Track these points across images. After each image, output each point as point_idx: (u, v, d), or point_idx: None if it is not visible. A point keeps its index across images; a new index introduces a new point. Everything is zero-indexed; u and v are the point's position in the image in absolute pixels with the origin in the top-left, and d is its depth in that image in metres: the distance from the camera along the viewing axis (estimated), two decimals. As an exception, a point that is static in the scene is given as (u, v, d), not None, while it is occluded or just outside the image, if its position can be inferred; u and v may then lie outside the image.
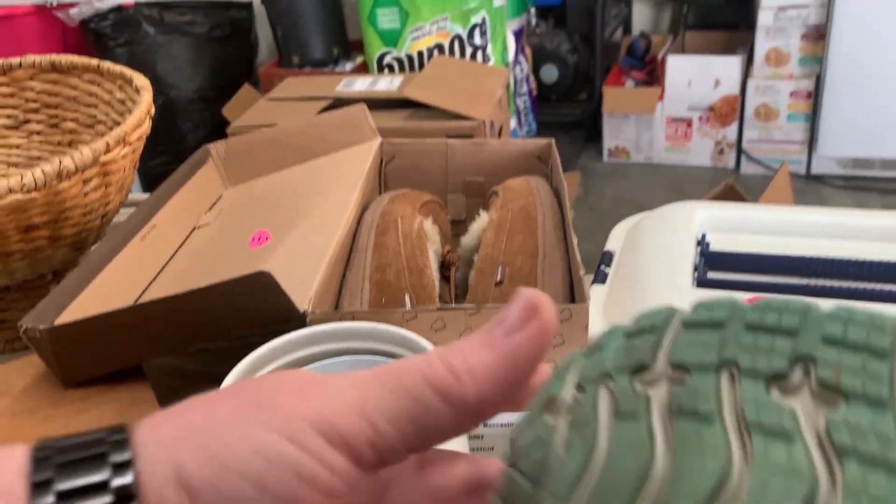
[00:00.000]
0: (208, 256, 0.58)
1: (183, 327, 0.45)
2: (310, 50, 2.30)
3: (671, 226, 0.58)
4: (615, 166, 2.43)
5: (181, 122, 2.15)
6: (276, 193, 0.66)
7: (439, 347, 0.21)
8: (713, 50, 2.44)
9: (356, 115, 0.72)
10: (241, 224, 0.62)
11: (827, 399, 0.18)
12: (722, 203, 0.63)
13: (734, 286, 0.50)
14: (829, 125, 2.10)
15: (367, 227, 0.59)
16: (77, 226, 0.57)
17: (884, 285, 0.51)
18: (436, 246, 0.59)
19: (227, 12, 2.21)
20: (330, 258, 0.51)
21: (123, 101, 0.67)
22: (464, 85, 1.58)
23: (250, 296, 0.43)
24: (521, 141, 0.72)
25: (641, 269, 0.52)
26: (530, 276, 0.53)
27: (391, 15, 1.91)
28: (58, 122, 0.72)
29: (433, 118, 1.47)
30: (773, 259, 0.53)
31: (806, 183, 2.21)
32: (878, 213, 0.59)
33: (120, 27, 2.05)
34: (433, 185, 0.74)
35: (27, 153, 0.73)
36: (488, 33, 1.90)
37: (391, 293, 0.51)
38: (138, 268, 0.56)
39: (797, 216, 0.59)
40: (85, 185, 0.54)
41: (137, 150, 0.61)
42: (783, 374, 0.18)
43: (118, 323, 0.44)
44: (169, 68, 2.11)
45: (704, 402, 0.19)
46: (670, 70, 2.25)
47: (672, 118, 2.32)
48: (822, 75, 2.09)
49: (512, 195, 0.62)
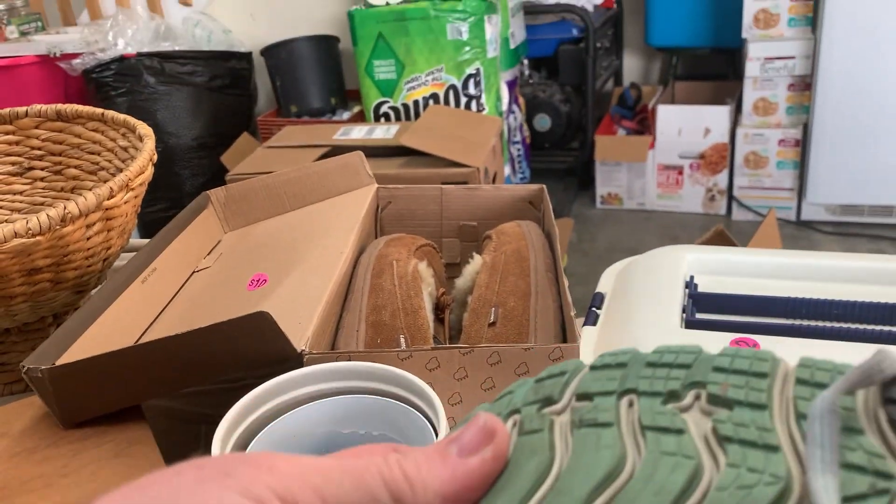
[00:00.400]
0: (207, 299, 0.59)
1: (182, 367, 0.46)
2: (308, 100, 2.35)
3: (660, 269, 0.59)
4: (608, 212, 2.46)
5: (179, 170, 2.18)
6: (274, 237, 0.68)
7: (398, 453, 0.22)
8: (702, 100, 2.49)
9: (353, 162, 0.74)
10: (240, 267, 0.63)
11: (714, 410, 0.20)
12: (710, 247, 0.64)
13: (722, 326, 0.51)
14: (817, 172, 2.14)
15: (364, 269, 0.60)
16: (79, 269, 0.58)
17: (868, 326, 0.52)
18: (430, 288, 0.60)
19: (226, 63, 2.26)
20: (327, 300, 0.52)
21: (126, 148, 0.69)
22: (459, 133, 1.62)
23: (249, 336, 0.44)
24: (514, 187, 0.74)
25: (631, 311, 0.54)
26: (523, 317, 0.54)
27: (388, 66, 1.96)
28: (61, 169, 0.74)
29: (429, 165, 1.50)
30: (759, 300, 0.55)
31: (796, 229, 2.23)
32: (863, 256, 0.61)
33: (121, 77, 2.10)
34: (428, 229, 0.75)
35: (30, 199, 0.74)
36: (482, 83, 1.95)
37: (386, 333, 0.52)
38: (139, 310, 0.57)
39: (783, 259, 0.61)
40: (88, 229, 0.56)
41: (140, 195, 0.62)
42: (677, 394, 0.21)
43: (118, 363, 0.45)
44: (168, 117, 2.14)
45: (604, 414, 0.21)
46: (661, 119, 2.30)
47: (663, 166, 2.36)
48: (809, 124, 2.14)
49: (505, 239, 0.64)
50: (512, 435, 0.22)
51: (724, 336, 0.49)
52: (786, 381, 0.21)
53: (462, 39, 1.89)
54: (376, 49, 1.94)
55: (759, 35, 2.13)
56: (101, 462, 0.45)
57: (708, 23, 2.36)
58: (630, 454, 0.20)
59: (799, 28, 2.10)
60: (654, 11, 2.41)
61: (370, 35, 1.93)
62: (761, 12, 2.11)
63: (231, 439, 0.39)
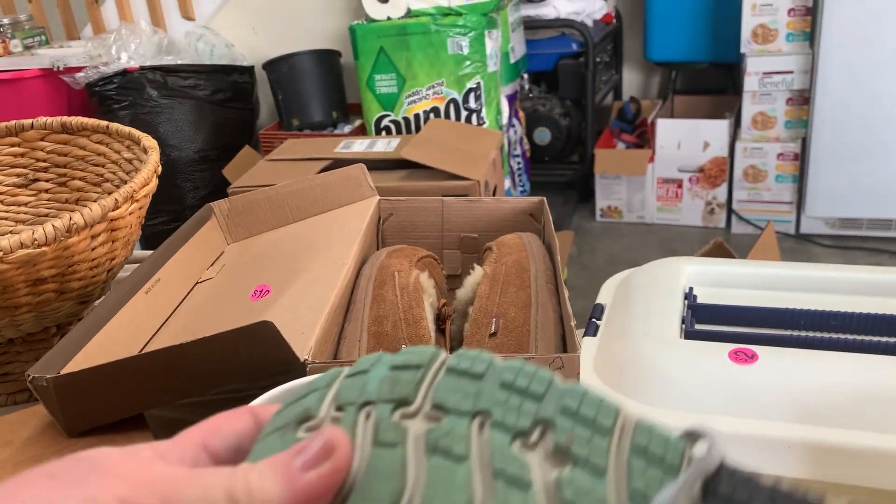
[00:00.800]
0: (210, 309, 0.60)
1: (186, 377, 0.46)
2: (310, 113, 2.36)
3: (660, 280, 0.60)
4: (608, 226, 2.47)
5: (182, 182, 2.19)
6: (277, 249, 0.68)
7: (247, 467, 0.23)
8: (701, 114, 2.51)
9: (355, 175, 0.74)
10: (243, 278, 0.64)
11: (559, 459, 0.22)
12: (709, 259, 0.65)
13: (721, 337, 0.52)
14: (816, 186, 2.15)
15: (366, 280, 0.60)
16: (84, 280, 0.58)
17: (865, 337, 0.52)
18: (431, 299, 0.60)
19: (229, 76, 2.28)
20: (329, 310, 0.52)
21: (131, 160, 0.70)
22: (459, 146, 1.63)
23: (252, 345, 0.44)
24: (515, 199, 0.75)
25: (630, 322, 0.54)
26: (523, 327, 0.54)
27: (389, 80, 1.97)
28: (66, 181, 0.74)
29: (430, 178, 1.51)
30: (758, 311, 0.55)
31: (795, 242, 2.24)
32: (860, 268, 0.61)
33: (124, 90, 2.11)
34: (430, 241, 0.76)
35: (35, 210, 0.75)
36: (483, 97, 1.96)
37: (388, 344, 0.53)
38: (142, 320, 0.58)
39: (781, 271, 0.61)
40: (93, 240, 0.56)
41: (144, 206, 0.63)
42: (525, 431, 0.22)
43: (122, 372, 0.46)
44: (171, 130, 2.16)
45: (458, 444, 0.22)
46: (660, 133, 2.31)
47: (663, 179, 2.37)
48: (807, 138, 2.15)
49: (506, 250, 0.65)
50: (366, 435, 0.23)
51: (722, 346, 0.49)
52: (622, 439, 0.23)
53: (462, 54, 1.91)
54: (377, 63, 1.96)
55: (757, 50, 2.15)
56: (104, 471, 0.45)
57: (707, 38, 2.38)
58: (479, 501, 0.21)
59: (797, 43, 2.11)
60: (654, 26, 2.43)
61: (371, 49, 1.94)
62: (760, 27, 2.12)
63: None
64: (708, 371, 0.48)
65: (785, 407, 0.46)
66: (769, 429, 0.45)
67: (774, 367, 0.47)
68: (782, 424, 0.45)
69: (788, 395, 0.46)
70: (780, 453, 0.45)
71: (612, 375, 0.50)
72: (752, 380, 0.47)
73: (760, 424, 0.45)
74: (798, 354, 0.48)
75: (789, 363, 0.47)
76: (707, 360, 0.48)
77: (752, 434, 0.45)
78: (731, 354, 0.48)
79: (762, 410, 0.46)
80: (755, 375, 0.47)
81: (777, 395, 0.46)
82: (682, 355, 0.49)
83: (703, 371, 0.48)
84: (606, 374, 0.51)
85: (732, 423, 0.45)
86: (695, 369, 0.48)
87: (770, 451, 0.45)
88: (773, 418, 0.46)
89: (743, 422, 0.46)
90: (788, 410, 0.46)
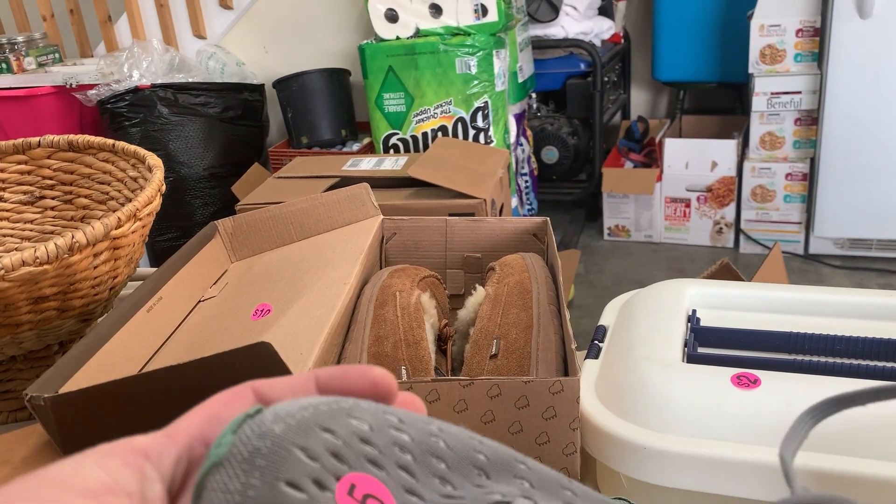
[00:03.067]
0: (211, 328, 0.60)
1: (184, 397, 0.46)
2: (319, 131, 2.38)
3: (663, 302, 0.59)
4: (616, 244, 2.46)
5: (191, 199, 2.20)
6: (279, 268, 0.68)
7: None
8: (708, 133, 2.51)
9: (359, 194, 0.75)
10: (245, 297, 0.64)
11: None
12: (713, 281, 0.64)
13: (723, 361, 0.51)
14: (824, 206, 2.14)
15: (367, 300, 0.60)
16: (85, 297, 0.59)
17: (871, 362, 0.52)
18: (433, 319, 0.60)
19: (239, 94, 2.30)
20: (329, 330, 0.52)
21: (136, 178, 0.70)
22: (466, 165, 1.63)
23: (250, 366, 0.44)
24: (518, 219, 0.75)
25: (632, 344, 0.54)
26: (524, 349, 0.54)
27: (397, 99, 1.98)
28: (72, 199, 0.75)
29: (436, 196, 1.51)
30: (761, 335, 0.55)
31: (804, 263, 2.23)
32: (867, 291, 0.61)
33: (135, 107, 2.13)
34: (433, 260, 0.76)
35: (41, 227, 0.75)
36: (490, 116, 1.97)
37: (388, 364, 0.53)
38: (143, 339, 0.58)
39: (786, 294, 0.61)
40: (95, 258, 0.57)
41: (147, 225, 0.63)
42: None
43: (120, 393, 0.45)
44: (181, 147, 2.17)
45: None
46: (668, 152, 2.31)
47: (671, 198, 2.36)
48: (816, 158, 2.14)
49: (508, 270, 0.64)
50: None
51: (725, 371, 0.49)
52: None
53: (471, 73, 1.92)
54: (386, 82, 1.97)
55: (765, 70, 2.15)
56: (100, 491, 0.45)
57: (714, 58, 2.38)
58: None
59: (805, 63, 2.11)
60: (661, 47, 2.44)
61: (380, 68, 1.96)
62: (768, 48, 2.12)
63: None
64: (710, 396, 0.47)
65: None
66: (771, 455, 0.44)
67: (777, 392, 0.46)
68: (785, 451, 0.45)
69: (791, 421, 0.45)
70: (782, 480, 0.44)
71: (613, 399, 0.50)
72: (754, 405, 0.46)
73: (762, 451, 0.45)
74: (801, 379, 0.48)
75: (792, 388, 0.47)
76: (709, 385, 0.48)
77: (753, 460, 0.44)
78: (733, 379, 0.48)
79: (764, 436, 0.45)
80: (757, 400, 0.46)
81: (779, 420, 0.45)
82: (684, 379, 0.49)
83: (705, 396, 0.47)
84: (607, 397, 0.50)
85: (734, 449, 0.45)
86: (696, 394, 0.47)
87: (771, 477, 0.44)
88: (776, 444, 0.45)
89: (745, 448, 0.45)
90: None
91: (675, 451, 0.45)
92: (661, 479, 0.46)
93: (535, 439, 0.46)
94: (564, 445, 0.47)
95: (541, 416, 0.46)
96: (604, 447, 0.48)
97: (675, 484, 0.46)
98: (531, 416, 0.46)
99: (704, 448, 0.45)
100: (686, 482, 0.46)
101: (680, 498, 0.49)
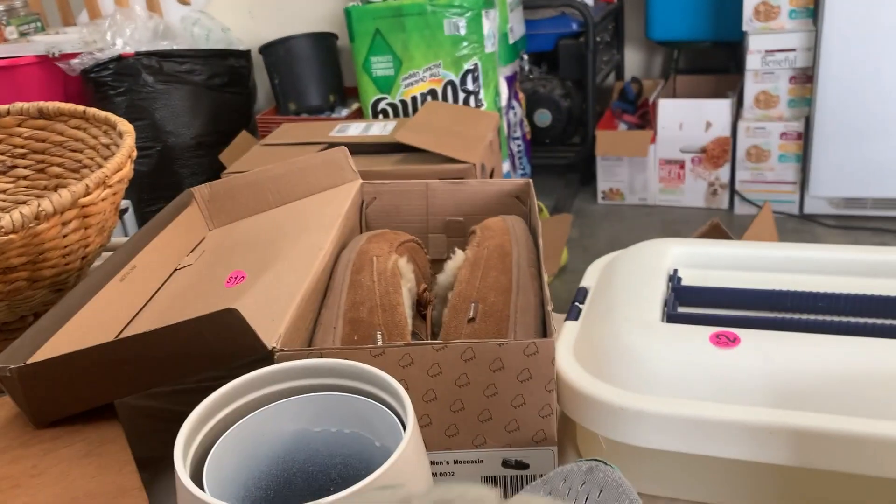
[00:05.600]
0: (186, 297, 0.59)
1: (152, 366, 0.45)
2: (306, 97, 2.34)
3: (644, 262, 0.59)
4: (610, 208, 2.45)
5: (179, 168, 2.18)
6: (256, 234, 0.67)
7: None
8: (703, 93, 2.48)
9: (337, 158, 0.73)
10: (221, 265, 0.63)
11: None
12: (696, 240, 0.63)
13: (703, 320, 0.50)
14: (819, 165, 2.12)
15: (344, 266, 0.59)
16: (56, 267, 0.58)
17: (852, 318, 0.51)
18: (410, 284, 0.59)
19: (225, 61, 2.26)
20: (302, 296, 0.51)
21: (108, 145, 0.69)
22: (455, 129, 1.61)
23: (217, 333, 0.43)
24: (500, 181, 0.73)
25: (612, 305, 0.53)
26: (503, 312, 0.53)
27: (385, 63, 1.95)
28: (44, 167, 0.73)
29: (425, 162, 1.49)
30: (743, 293, 0.54)
31: (799, 223, 2.22)
32: (852, 247, 0.60)
33: (120, 76, 2.10)
34: (414, 225, 0.75)
35: (13, 197, 0.74)
36: (480, 79, 1.94)
37: (363, 330, 0.52)
38: (116, 308, 0.57)
39: (770, 252, 0.60)
40: (64, 226, 0.55)
41: (119, 192, 0.62)
42: None
43: (87, 362, 0.45)
44: (167, 115, 2.14)
45: None
46: (662, 113, 2.28)
47: (665, 160, 2.34)
48: (811, 117, 2.12)
49: (489, 233, 0.63)
50: None
51: (704, 330, 0.48)
52: None
53: (459, 35, 1.88)
54: (373, 45, 1.94)
55: (759, 28, 2.11)
56: (71, 461, 0.45)
57: (709, 16, 2.34)
58: None
59: (800, 20, 2.08)
60: (655, 5, 2.39)
61: (367, 31, 1.92)
62: (762, 5, 2.09)
63: (195, 440, 0.38)
64: (688, 355, 0.46)
65: (766, 391, 0.44)
66: (749, 414, 0.44)
67: (756, 350, 0.46)
68: (763, 410, 0.44)
69: (769, 380, 0.45)
70: (761, 439, 0.43)
71: (592, 360, 0.49)
72: (732, 364, 0.45)
73: (741, 410, 0.44)
74: (781, 337, 0.47)
75: (771, 346, 0.46)
76: (687, 344, 0.47)
77: (731, 420, 0.44)
78: (712, 338, 0.47)
79: (743, 395, 0.45)
80: (736, 359, 0.45)
81: (758, 379, 0.45)
82: (663, 339, 0.48)
83: (684, 355, 0.46)
84: (586, 359, 0.50)
85: (712, 409, 0.44)
86: (675, 353, 0.47)
87: (750, 436, 0.43)
88: (754, 403, 0.45)
89: (723, 407, 0.44)
90: (769, 395, 0.44)
91: (651, 412, 0.44)
92: (638, 439, 0.46)
93: (511, 402, 0.46)
94: (541, 407, 0.46)
95: (516, 378, 0.45)
96: (582, 409, 0.48)
97: (653, 444, 0.45)
98: (506, 378, 0.45)
99: (680, 408, 0.44)
100: (663, 442, 0.45)
101: (658, 458, 0.48)
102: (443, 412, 0.46)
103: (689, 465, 0.48)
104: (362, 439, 0.43)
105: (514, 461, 0.48)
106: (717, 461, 0.47)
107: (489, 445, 0.47)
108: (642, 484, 0.50)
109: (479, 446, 0.47)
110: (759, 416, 0.43)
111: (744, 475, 0.47)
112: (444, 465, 0.48)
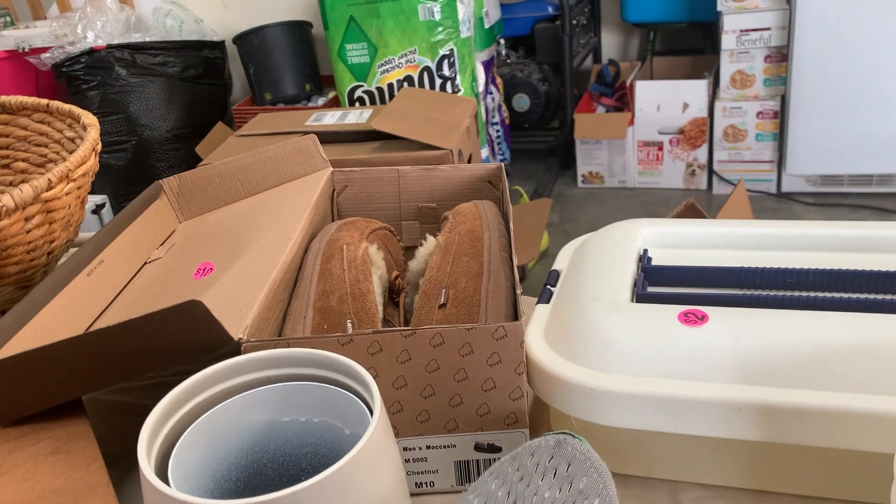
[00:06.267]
0: (154, 290, 0.58)
1: (118, 360, 0.45)
2: (282, 87, 2.32)
3: (615, 243, 0.59)
4: (590, 191, 2.45)
5: (156, 162, 2.16)
6: (225, 225, 0.67)
7: None
8: (680, 74, 2.48)
9: (307, 146, 0.72)
10: (190, 257, 0.62)
11: None
12: (668, 220, 0.63)
13: (672, 299, 0.50)
14: (796, 143, 2.14)
15: (314, 255, 0.59)
16: (21, 263, 0.57)
17: (820, 293, 0.51)
18: (381, 271, 0.59)
19: (199, 52, 2.23)
20: (270, 286, 0.51)
21: (73, 139, 0.68)
22: (432, 115, 1.60)
23: (182, 326, 0.43)
24: (472, 166, 0.73)
25: (582, 287, 0.53)
26: (473, 297, 0.53)
27: (360, 50, 1.93)
28: (9, 163, 0.72)
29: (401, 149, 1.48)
30: (712, 271, 0.54)
31: (777, 201, 2.23)
32: (822, 223, 0.60)
33: (92, 70, 2.07)
34: (387, 212, 0.74)
35: (-22, 194, 0.73)
36: (457, 64, 1.93)
37: (334, 319, 0.51)
38: (84, 304, 0.56)
39: (740, 229, 0.60)
40: (27, 222, 0.54)
41: (84, 186, 0.61)
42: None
43: (52, 357, 0.44)
44: (142, 109, 2.12)
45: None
46: (639, 95, 2.29)
47: (643, 142, 2.35)
48: (786, 95, 2.13)
49: (460, 219, 0.63)
50: None
51: (673, 309, 0.48)
52: None
53: (434, 20, 1.87)
54: (348, 32, 1.92)
55: (734, 7, 2.11)
56: (37, 459, 0.44)
57: (684, -4, 2.34)
58: None
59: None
60: (630, -14, 2.39)
61: (341, 18, 1.90)
62: (736, -16, 2.09)
63: (161, 433, 0.38)
64: (657, 334, 0.46)
65: (735, 368, 0.45)
66: (718, 391, 0.44)
67: (724, 327, 0.46)
68: (733, 386, 0.44)
69: (738, 356, 0.45)
70: (731, 416, 0.44)
71: (562, 342, 0.49)
72: (701, 342, 0.46)
73: (711, 387, 0.44)
74: (749, 314, 0.47)
75: (740, 323, 0.46)
76: (656, 324, 0.47)
77: (702, 397, 0.44)
78: (680, 316, 0.47)
79: (712, 373, 0.45)
80: (704, 337, 0.46)
81: (727, 356, 0.45)
82: (632, 319, 0.48)
83: (652, 334, 0.47)
84: (557, 341, 0.50)
85: (682, 387, 0.44)
86: (644, 333, 0.47)
87: (720, 413, 0.44)
88: (724, 380, 0.45)
89: (692, 385, 0.45)
90: (738, 372, 0.45)
91: (620, 391, 0.44)
92: (608, 419, 0.46)
93: (482, 386, 0.46)
94: (511, 391, 0.46)
95: (486, 362, 0.45)
96: (552, 391, 0.48)
97: (624, 424, 0.46)
98: (475, 363, 0.45)
99: (648, 386, 0.44)
100: (634, 422, 0.45)
101: (630, 438, 0.48)
102: (414, 398, 0.46)
103: (661, 444, 0.48)
104: (332, 428, 0.43)
105: (487, 444, 0.48)
106: (689, 439, 0.47)
107: (461, 430, 0.47)
108: (615, 464, 0.50)
109: (452, 431, 0.47)
110: (728, 392, 0.44)
111: (715, 452, 0.47)
112: (416, 451, 0.48)
